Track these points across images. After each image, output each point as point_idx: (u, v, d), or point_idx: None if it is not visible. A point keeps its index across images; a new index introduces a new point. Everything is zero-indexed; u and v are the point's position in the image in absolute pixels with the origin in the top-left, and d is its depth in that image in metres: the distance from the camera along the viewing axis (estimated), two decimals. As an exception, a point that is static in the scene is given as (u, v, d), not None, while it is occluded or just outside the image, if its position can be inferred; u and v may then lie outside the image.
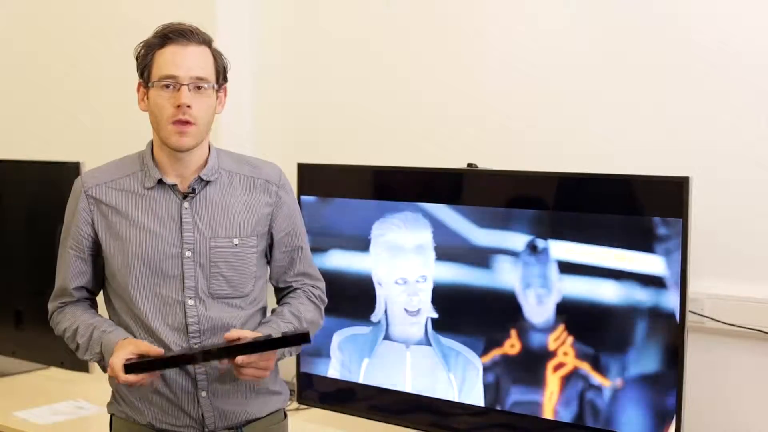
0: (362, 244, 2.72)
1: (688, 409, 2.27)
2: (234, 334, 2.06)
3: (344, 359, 2.79)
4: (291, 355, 2.27)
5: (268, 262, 2.28)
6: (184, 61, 2.10)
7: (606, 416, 2.36)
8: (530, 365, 2.46)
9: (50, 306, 2.27)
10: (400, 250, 2.67)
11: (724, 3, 2.51)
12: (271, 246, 2.26)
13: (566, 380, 2.42)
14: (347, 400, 2.81)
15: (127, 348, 2.05)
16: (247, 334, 2.08)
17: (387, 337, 2.70)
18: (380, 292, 2.72)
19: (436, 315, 2.62)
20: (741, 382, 2.50)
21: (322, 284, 2.34)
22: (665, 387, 2.27)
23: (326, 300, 2.34)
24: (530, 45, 2.82)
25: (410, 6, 3.07)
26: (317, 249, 2.79)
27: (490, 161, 2.66)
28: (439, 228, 2.60)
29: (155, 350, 2.06)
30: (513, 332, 2.49)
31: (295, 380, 2.91)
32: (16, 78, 4.04)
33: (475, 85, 2.93)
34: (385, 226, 2.69)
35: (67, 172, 3.09)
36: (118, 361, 2.03)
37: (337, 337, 2.79)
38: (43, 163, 3.27)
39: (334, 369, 2.81)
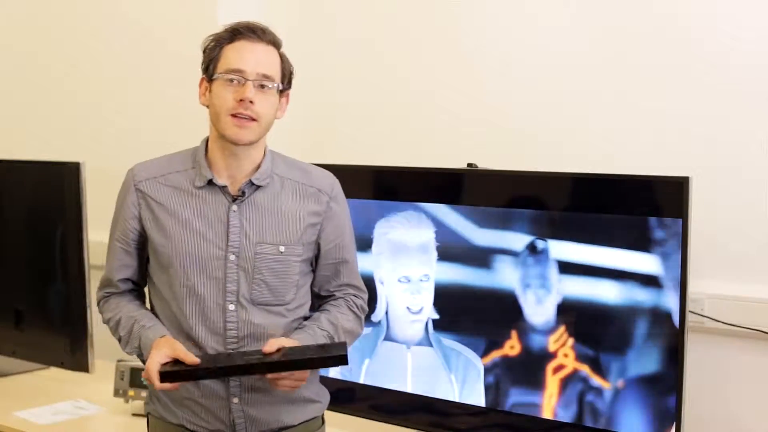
0: (362, 243, 2.72)
1: (688, 409, 2.27)
2: (273, 344, 2.03)
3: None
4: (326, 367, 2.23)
5: (313, 270, 2.23)
6: (252, 57, 2.08)
7: (606, 417, 2.36)
8: (530, 367, 2.46)
9: (97, 294, 2.26)
10: (404, 249, 2.67)
11: (724, 3, 2.51)
12: (317, 256, 2.21)
13: (566, 382, 2.42)
14: (347, 400, 2.81)
15: (162, 350, 2.03)
16: (285, 342, 2.05)
17: (388, 338, 2.70)
18: (382, 292, 2.71)
19: (437, 316, 2.62)
20: (741, 382, 2.50)
21: (365, 295, 2.29)
22: (665, 387, 2.27)
23: (367, 310, 2.29)
24: (530, 45, 2.82)
25: (411, 6, 3.07)
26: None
27: (490, 161, 2.66)
28: (440, 228, 2.60)
29: (191, 358, 2.03)
30: (513, 333, 2.48)
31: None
32: (16, 78, 4.04)
33: (475, 85, 2.93)
34: (388, 225, 2.69)
35: (67, 172, 3.09)
36: (153, 366, 2.01)
37: (337, 337, 2.79)
38: (43, 163, 3.27)
39: (334, 370, 2.80)
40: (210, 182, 2.13)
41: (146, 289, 2.26)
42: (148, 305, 2.25)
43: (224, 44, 2.11)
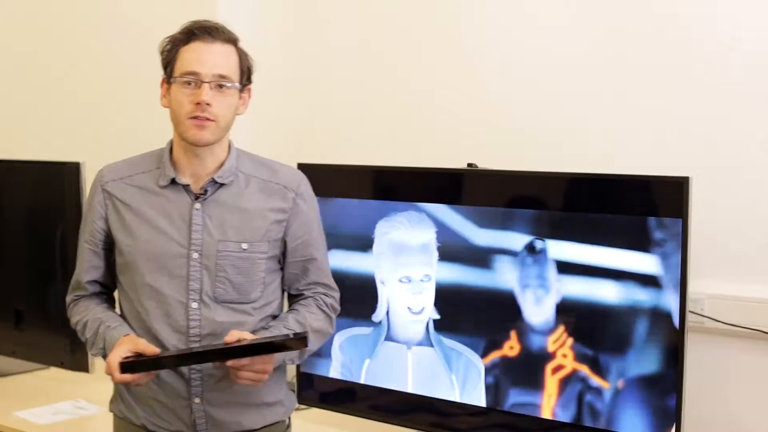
0: (363, 244, 2.72)
1: (688, 409, 2.27)
2: (234, 335, 2.04)
3: (345, 360, 2.79)
4: (293, 363, 2.25)
5: (282, 269, 2.24)
6: (207, 59, 2.08)
7: (606, 417, 2.36)
8: (530, 367, 2.46)
9: (67, 298, 2.27)
10: (405, 249, 2.67)
11: (724, 3, 2.51)
12: (284, 253, 2.22)
13: (565, 382, 2.41)
14: (347, 400, 2.81)
15: (124, 346, 2.05)
16: (247, 336, 2.06)
17: (389, 338, 2.70)
18: (383, 292, 2.71)
19: (437, 316, 2.62)
20: (741, 382, 2.50)
21: (337, 294, 2.29)
22: (665, 387, 2.27)
23: (339, 309, 2.30)
24: (530, 45, 2.82)
25: (410, 6, 3.07)
26: (317, 249, 2.79)
27: (490, 161, 2.66)
28: (440, 228, 2.60)
29: (152, 349, 2.04)
30: (513, 334, 2.48)
31: (295, 380, 2.91)
32: (16, 78, 4.04)
33: (475, 85, 2.93)
34: (389, 225, 2.69)
35: (67, 172, 3.09)
36: (114, 359, 2.02)
37: (338, 339, 2.79)
38: (43, 163, 3.27)
39: (335, 370, 2.80)
40: (173, 181, 2.14)
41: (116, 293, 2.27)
42: (117, 309, 2.25)
43: (180, 46, 2.11)
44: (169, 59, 2.12)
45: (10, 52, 4.05)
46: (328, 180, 2.83)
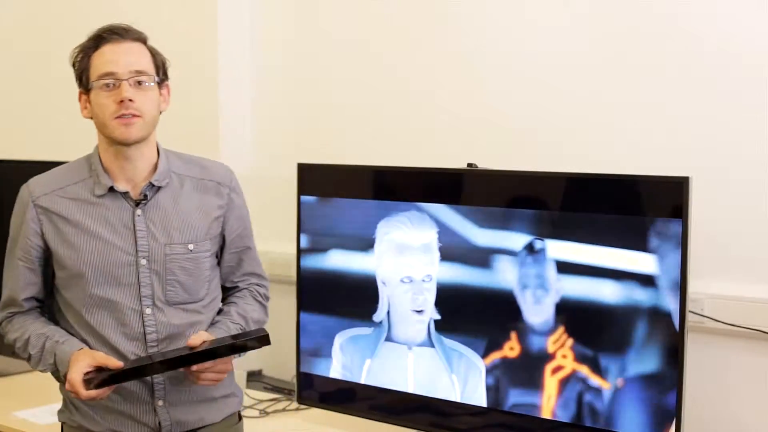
0: (363, 244, 2.72)
1: (688, 409, 2.27)
2: (195, 339, 2.06)
3: (345, 360, 2.79)
4: (239, 356, 2.23)
5: (218, 263, 2.27)
6: (120, 58, 2.09)
7: (606, 417, 2.36)
8: (529, 368, 2.46)
9: None
10: (407, 249, 2.66)
11: (724, 3, 2.51)
12: (222, 247, 2.25)
13: (565, 383, 2.41)
14: (347, 400, 2.81)
15: (83, 360, 2.03)
16: (206, 336, 2.08)
17: (389, 338, 2.70)
18: (384, 292, 2.71)
19: (438, 316, 2.62)
20: (741, 382, 2.50)
21: (268, 283, 2.35)
22: (665, 387, 2.27)
23: (269, 297, 2.35)
24: (530, 45, 2.82)
25: (410, 6, 3.07)
26: (317, 249, 2.79)
27: (490, 161, 2.66)
28: (441, 228, 2.60)
29: (113, 362, 2.03)
30: (513, 334, 2.48)
31: (295, 380, 2.91)
32: (16, 78, 4.04)
33: (475, 85, 2.93)
34: (391, 224, 2.68)
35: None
36: (76, 376, 2.00)
37: (339, 339, 2.79)
38: (43, 163, 3.26)
39: (335, 371, 2.80)
40: (111, 189, 2.13)
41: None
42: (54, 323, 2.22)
43: (91, 53, 2.12)
44: (82, 68, 2.13)
45: (10, 52, 4.05)
46: (328, 180, 2.83)
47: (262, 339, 2.09)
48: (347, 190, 2.78)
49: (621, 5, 2.66)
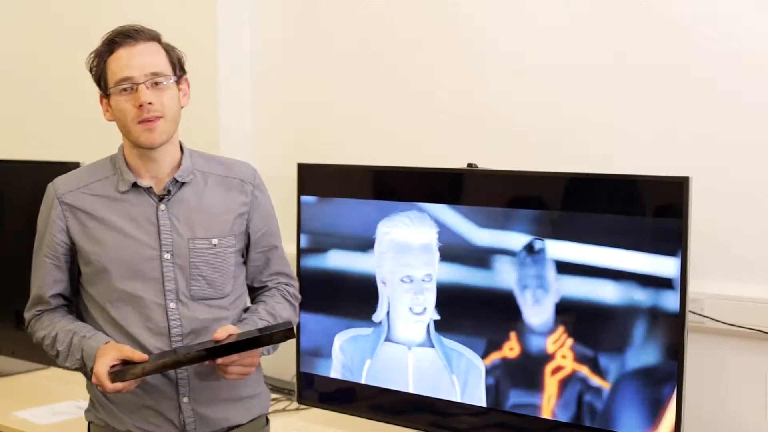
0: (364, 244, 2.72)
1: (688, 409, 2.27)
2: (221, 332, 2.05)
3: (345, 361, 2.79)
4: (268, 354, 2.24)
5: (244, 262, 2.27)
6: (135, 61, 2.09)
7: (607, 417, 2.36)
8: (529, 368, 2.46)
9: (27, 315, 2.25)
10: (407, 249, 2.66)
11: (724, 3, 2.51)
12: (247, 246, 2.25)
13: (565, 383, 2.41)
14: (347, 400, 2.81)
15: (109, 354, 2.03)
16: (233, 330, 2.08)
17: (389, 338, 2.70)
18: (384, 292, 2.71)
19: (438, 317, 2.62)
20: (741, 382, 2.50)
21: (297, 283, 2.35)
22: (665, 387, 2.27)
23: (300, 297, 2.35)
24: (530, 45, 2.82)
25: (410, 6, 3.07)
26: (317, 249, 2.79)
27: (490, 161, 2.66)
28: (441, 228, 2.60)
29: (139, 355, 2.04)
30: (512, 335, 2.48)
31: (295, 380, 2.91)
32: (16, 78, 4.04)
33: (475, 85, 2.93)
34: (392, 224, 2.68)
35: (67, 172, 3.08)
36: (102, 369, 2.01)
37: (339, 339, 2.79)
38: (43, 163, 3.27)
39: (335, 371, 2.80)
40: (134, 185, 2.14)
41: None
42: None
43: (105, 58, 2.13)
44: (99, 74, 2.15)
45: (10, 52, 4.05)
46: (328, 180, 2.83)
47: (287, 332, 2.07)
48: (347, 190, 2.78)
49: (621, 5, 2.66)
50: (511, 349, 2.49)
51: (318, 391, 2.87)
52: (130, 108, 2.08)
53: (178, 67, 2.16)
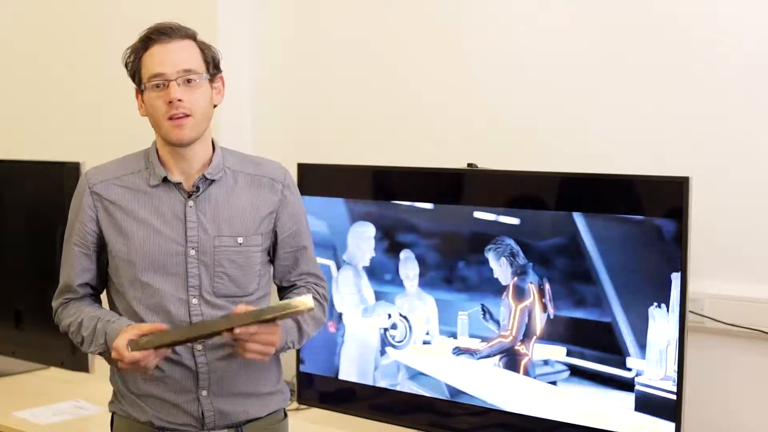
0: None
1: (688, 409, 2.27)
2: (240, 308, 2.04)
3: (347, 361, 2.79)
4: (293, 347, 2.21)
5: (271, 261, 2.27)
6: (168, 58, 2.10)
7: (606, 417, 2.36)
8: (529, 368, 2.46)
9: (54, 303, 2.26)
10: (407, 249, 2.67)
11: (724, 3, 2.51)
12: (275, 245, 2.25)
13: (565, 383, 2.41)
14: (347, 400, 2.81)
15: (130, 331, 2.05)
16: (253, 309, 2.06)
17: (388, 338, 2.70)
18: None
19: (437, 317, 2.62)
20: (741, 382, 2.50)
21: (326, 284, 2.33)
22: (665, 387, 2.27)
23: (328, 298, 2.33)
24: (530, 45, 2.82)
25: (410, 6, 3.07)
26: (316, 249, 2.79)
27: (490, 161, 2.66)
28: (440, 227, 2.60)
29: (158, 327, 2.05)
30: (512, 335, 2.49)
31: (295, 380, 2.91)
32: (16, 78, 4.04)
33: (475, 85, 2.93)
34: (391, 224, 2.69)
35: (67, 172, 3.09)
36: (121, 342, 2.02)
37: (339, 339, 2.79)
38: (43, 163, 3.27)
39: (336, 371, 2.81)
40: (165, 180, 2.16)
41: (104, 296, 2.26)
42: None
43: (141, 54, 2.14)
44: (134, 69, 2.16)
45: (10, 52, 4.05)
46: (328, 180, 2.83)
47: (306, 307, 2.01)
48: (347, 190, 2.78)
49: (621, 5, 2.66)
50: (511, 347, 2.49)
51: (318, 391, 2.87)
52: (160, 104, 2.10)
53: (212, 65, 2.17)
